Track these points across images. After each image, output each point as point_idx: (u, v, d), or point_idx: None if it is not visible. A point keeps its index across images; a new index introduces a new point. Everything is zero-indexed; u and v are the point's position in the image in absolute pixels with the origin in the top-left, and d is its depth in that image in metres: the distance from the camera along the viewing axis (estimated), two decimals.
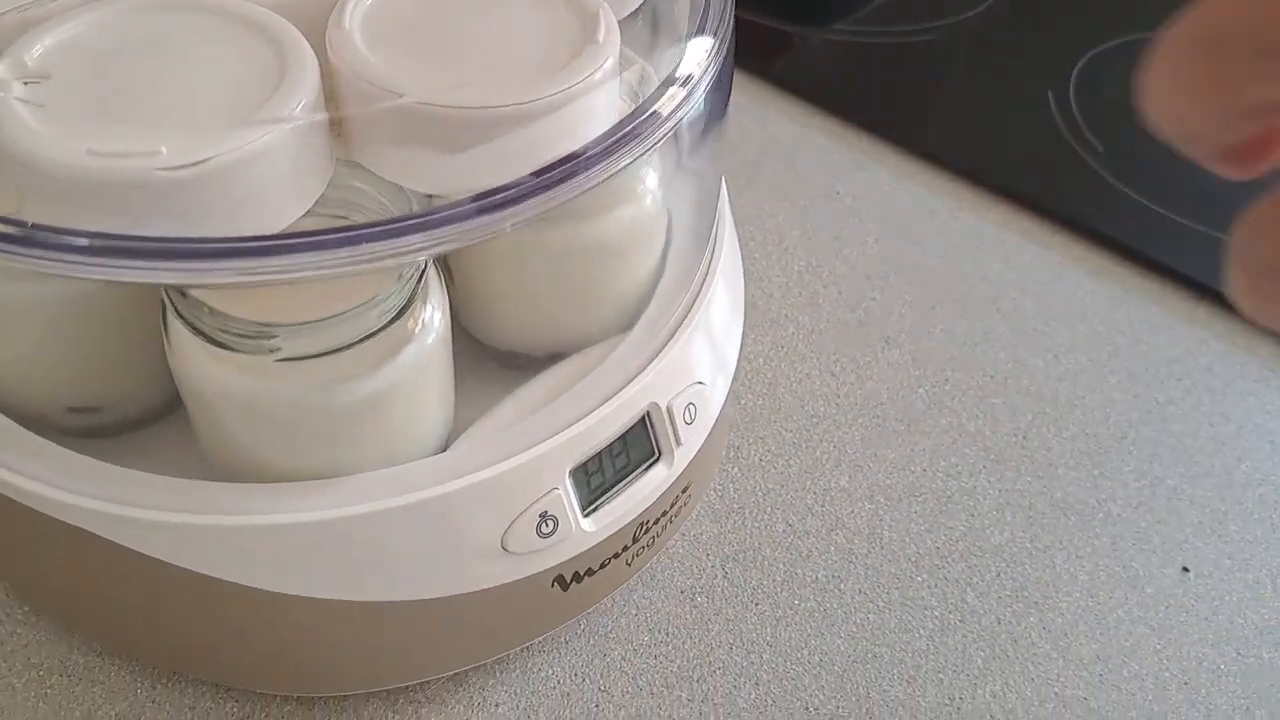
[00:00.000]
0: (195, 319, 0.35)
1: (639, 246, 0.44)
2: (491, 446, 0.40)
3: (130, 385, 0.42)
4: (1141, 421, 0.57)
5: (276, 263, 0.30)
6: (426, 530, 0.38)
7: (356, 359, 0.36)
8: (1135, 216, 0.66)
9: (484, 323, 0.46)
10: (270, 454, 0.38)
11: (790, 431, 0.55)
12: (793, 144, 0.72)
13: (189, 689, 0.44)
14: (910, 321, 0.61)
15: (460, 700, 0.45)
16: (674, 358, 0.43)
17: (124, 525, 0.37)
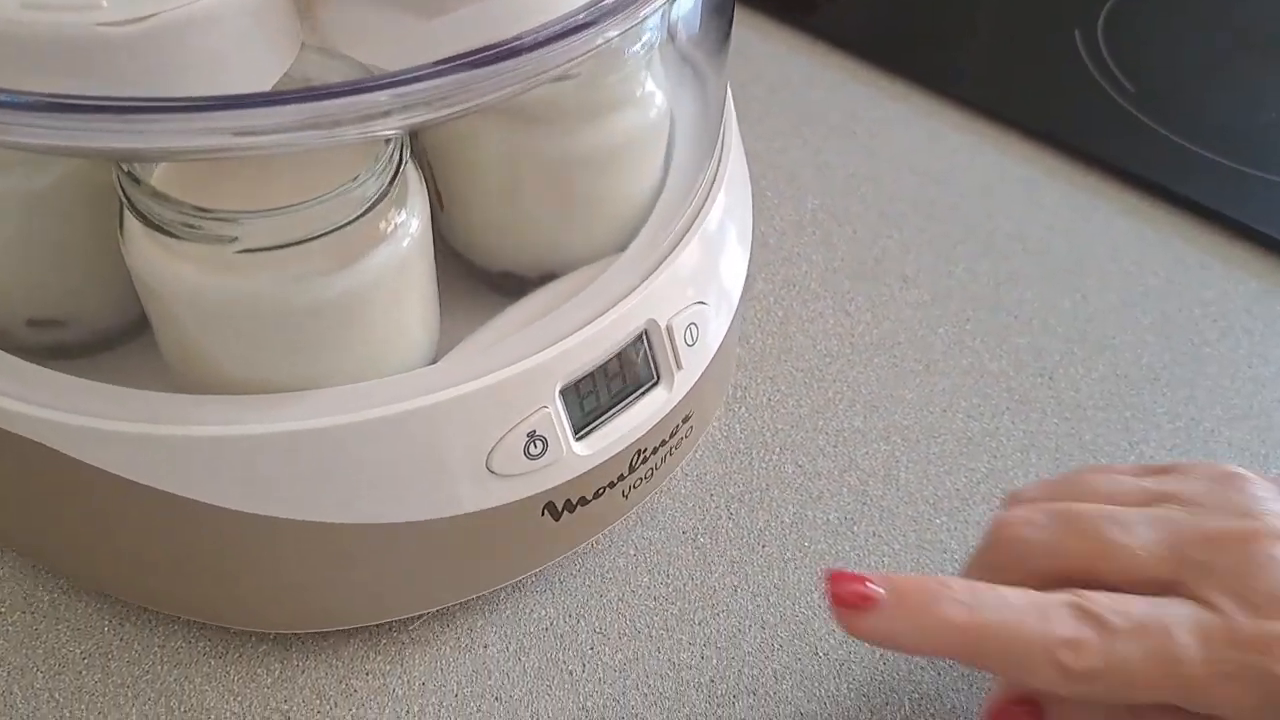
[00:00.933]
0: (147, 208, 0.32)
1: (638, 156, 0.41)
2: (476, 361, 0.37)
3: (92, 296, 0.39)
4: (1175, 363, 0.53)
5: (228, 121, 0.27)
6: (405, 446, 0.35)
7: (324, 255, 0.33)
8: (1168, 155, 0.63)
9: (476, 242, 0.43)
10: (237, 363, 0.35)
11: (801, 371, 0.52)
12: (806, 82, 0.69)
13: (159, 626, 0.42)
14: (929, 260, 0.58)
15: (447, 640, 0.42)
16: (674, 272, 0.40)
17: (81, 437, 0.34)
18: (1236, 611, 0.31)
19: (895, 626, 0.32)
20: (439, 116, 0.29)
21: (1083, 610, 0.31)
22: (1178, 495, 0.35)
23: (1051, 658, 0.31)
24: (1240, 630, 0.31)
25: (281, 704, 0.40)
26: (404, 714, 0.40)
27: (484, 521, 0.38)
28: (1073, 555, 0.34)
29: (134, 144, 0.28)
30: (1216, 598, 0.32)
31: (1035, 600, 0.32)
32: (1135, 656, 0.31)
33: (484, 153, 0.39)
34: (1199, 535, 0.33)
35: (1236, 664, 0.30)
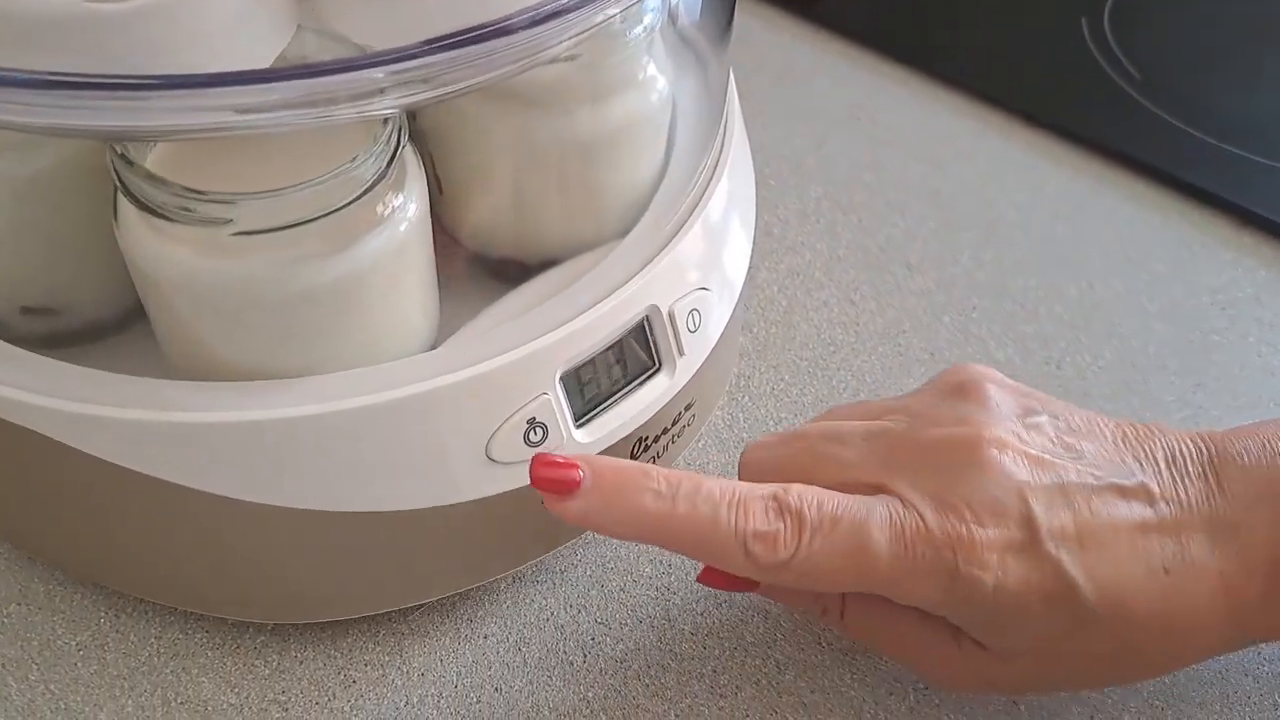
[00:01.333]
0: (141, 191, 0.31)
1: (640, 140, 0.41)
2: (475, 347, 0.36)
3: (86, 283, 0.39)
4: (1184, 351, 0.53)
5: (228, 98, 0.27)
6: (403, 433, 0.35)
7: (321, 238, 0.33)
8: (1175, 142, 0.62)
9: (475, 228, 0.42)
10: (233, 350, 0.35)
11: (805, 360, 0.52)
12: (810, 71, 0.68)
13: (155, 618, 0.41)
14: (934, 248, 0.57)
15: (446, 631, 0.41)
16: (676, 258, 0.40)
17: (75, 424, 0.34)
18: (930, 511, 0.33)
19: (594, 511, 0.33)
20: (435, 95, 0.29)
21: (780, 504, 0.33)
22: (905, 409, 0.37)
23: (743, 549, 0.33)
24: (932, 529, 0.33)
25: (279, 695, 0.39)
26: (403, 705, 0.39)
27: (484, 510, 0.37)
28: (793, 468, 0.36)
29: (133, 122, 0.28)
30: (915, 497, 0.33)
31: (736, 492, 0.33)
32: (826, 550, 0.33)
33: (483, 137, 0.39)
34: (909, 443, 0.35)
35: (928, 560, 0.32)
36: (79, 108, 0.27)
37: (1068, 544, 0.33)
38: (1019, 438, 0.35)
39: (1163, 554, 0.33)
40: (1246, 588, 0.34)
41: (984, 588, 0.32)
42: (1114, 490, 0.34)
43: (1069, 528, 0.33)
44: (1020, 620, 0.33)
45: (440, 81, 0.28)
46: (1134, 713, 0.40)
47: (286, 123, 0.28)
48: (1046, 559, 0.33)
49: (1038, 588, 0.33)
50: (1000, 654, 0.34)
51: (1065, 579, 0.33)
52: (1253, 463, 0.35)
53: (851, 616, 0.37)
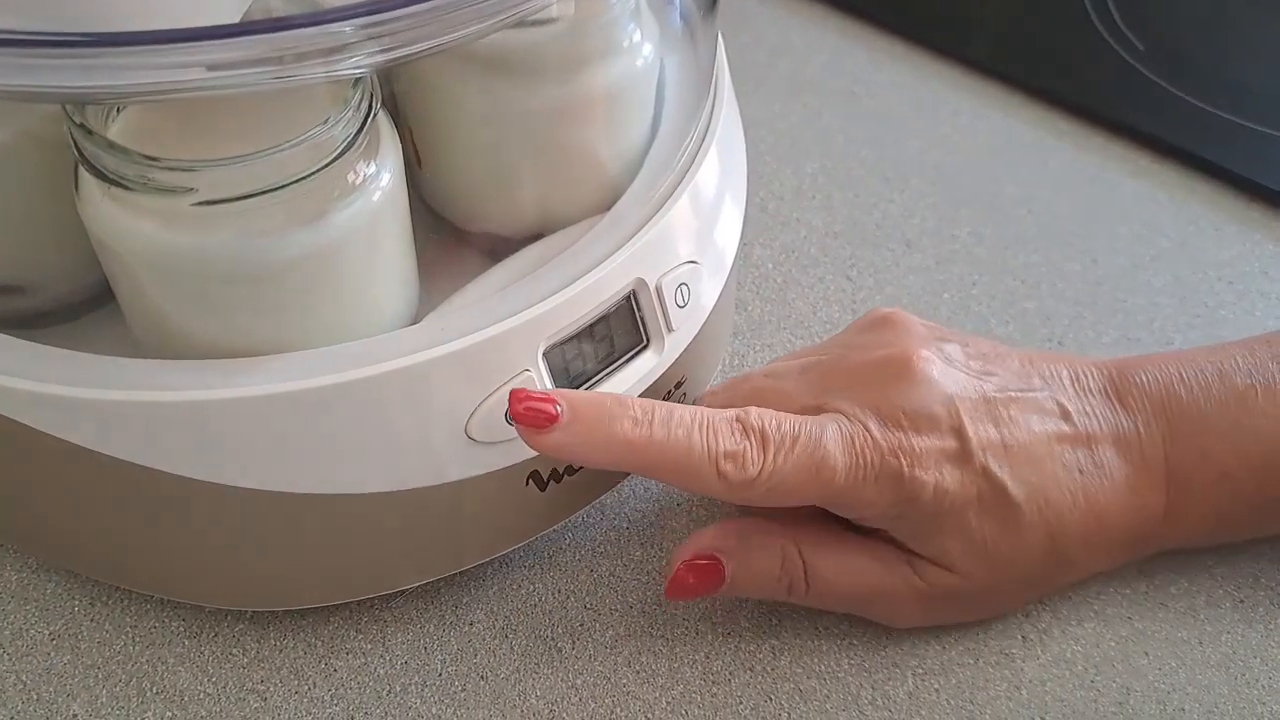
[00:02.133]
0: (99, 160, 0.30)
1: (624, 108, 0.39)
2: (454, 322, 0.35)
3: (53, 261, 0.37)
4: (1189, 326, 0.51)
5: (191, 54, 0.25)
6: (379, 412, 0.34)
7: (289, 209, 0.31)
8: (1179, 114, 0.61)
9: (455, 201, 0.41)
10: (201, 327, 0.34)
11: (801, 339, 0.50)
12: (807, 46, 0.67)
13: (131, 605, 0.40)
14: (933, 224, 0.56)
15: (431, 618, 0.40)
16: (663, 230, 0.38)
17: (41, 406, 0.33)
18: (873, 423, 0.36)
19: (572, 442, 0.34)
20: (407, 53, 0.28)
21: (745, 425, 0.35)
22: (832, 345, 0.41)
23: (715, 469, 0.34)
24: (878, 438, 0.35)
25: (258, 684, 0.38)
26: (386, 694, 0.38)
27: (465, 492, 0.36)
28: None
29: (102, 81, 0.27)
30: (857, 412, 0.36)
31: (704, 416, 0.35)
32: (789, 466, 0.34)
33: (463, 107, 0.37)
34: (842, 368, 0.38)
35: (876, 468, 0.35)
36: (45, 67, 0.26)
37: (994, 450, 0.36)
38: (942, 355, 0.38)
39: (1076, 458, 0.37)
40: (1151, 498, 0.38)
41: (927, 489, 0.35)
42: (1029, 403, 0.38)
43: (994, 436, 0.36)
44: (959, 524, 0.36)
45: (411, 37, 0.27)
46: (1139, 695, 0.38)
47: (256, 82, 0.27)
48: (977, 465, 0.36)
49: (972, 490, 0.36)
50: (947, 566, 0.37)
51: (995, 481, 0.36)
52: (1150, 385, 0.39)
53: (815, 576, 0.38)
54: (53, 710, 0.37)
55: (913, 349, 0.38)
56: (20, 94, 0.28)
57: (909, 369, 0.37)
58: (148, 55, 0.26)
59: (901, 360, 0.37)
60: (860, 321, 0.42)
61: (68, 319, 0.39)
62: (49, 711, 0.37)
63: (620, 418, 0.34)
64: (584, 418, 0.34)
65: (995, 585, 0.38)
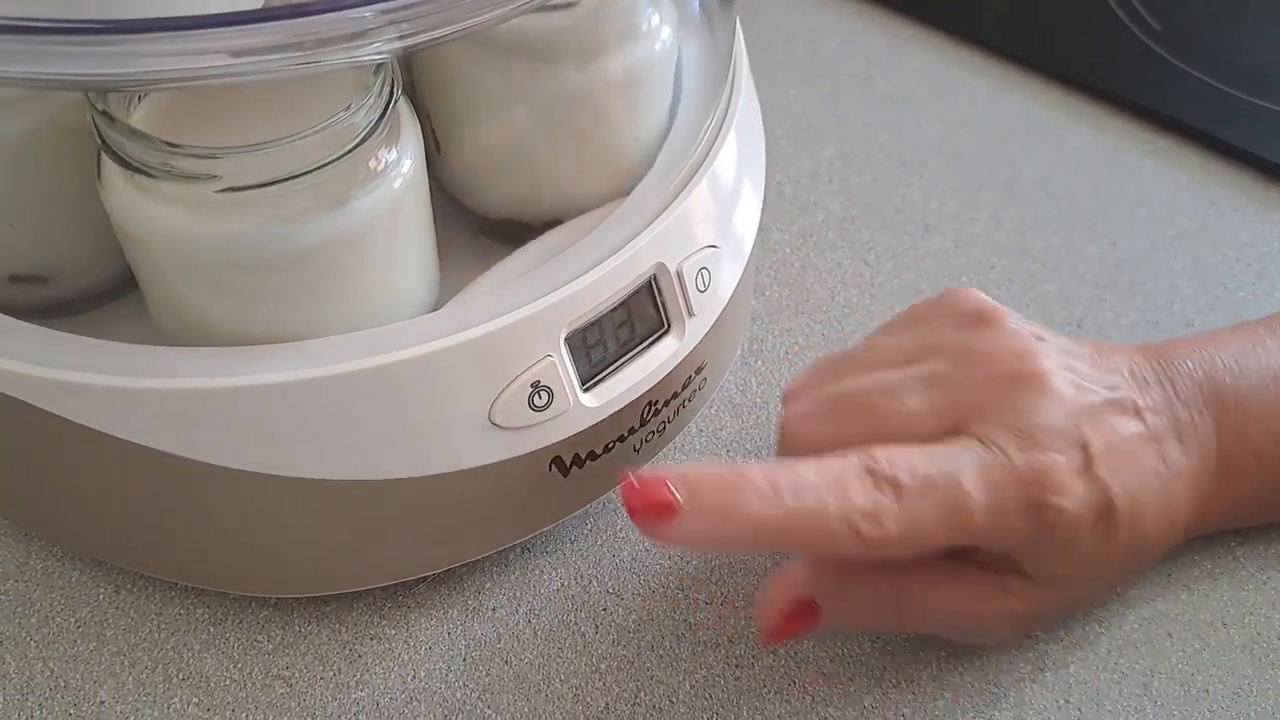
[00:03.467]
0: (122, 147, 0.30)
1: (644, 93, 0.39)
2: (476, 308, 0.35)
3: (75, 250, 0.38)
4: (1209, 308, 0.51)
5: (215, 40, 0.26)
6: (403, 398, 0.34)
7: (311, 196, 0.31)
8: (1198, 96, 0.60)
9: (475, 188, 0.41)
10: (224, 315, 0.34)
11: (819, 324, 0.50)
12: (822, 30, 0.66)
13: (155, 593, 0.40)
14: (951, 208, 0.56)
15: (454, 604, 0.40)
16: (683, 215, 0.38)
17: (67, 394, 0.33)
18: (1013, 447, 0.33)
19: (698, 530, 0.31)
20: (428, 38, 0.28)
21: (875, 475, 0.32)
22: (940, 347, 0.36)
23: (853, 531, 0.31)
24: (1017, 465, 0.33)
25: (283, 670, 0.38)
26: (410, 679, 0.38)
27: (489, 477, 0.36)
28: (857, 437, 0.34)
29: (126, 69, 0.27)
30: (995, 435, 0.33)
31: (831, 472, 0.32)
32: (927, 513, 0.32)
33: (481, 92, 0.38)
34: (970, 381, 0.35)
35: (1016, 500, 0.33)
36: (68, 54, 0.26)
37: (1105, 462, 0.34)
38: (1065, 364, 0.35)
39: (1153, 459, 0.35)
40: (1208, 484, 0.37)
41: (1065, 515, 0.33)
42: (1115, 406, 0.35)
43: (1104, 446, 0.34)
44: (1074, 542, 0.34)
45: (431, 23, 0.27)
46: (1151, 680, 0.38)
47: (278, 68, 0.27)
48: (1098, 479, 0.34)
49: (1093, 508, 0.34)
50: (1044, 582, 0.35)
51: (1109, 496, 0.34)
52: (1195, 371, 0.37)
53: (908, 613, 0.35)
54: (80, 697, 0.38)
55: (1044, 360, 0.35)
56: (44, 82, 0.29)
57: (1043, 384, 0.34)
58: (171, 42, 0.26)
59: (1035, 374, 0.34)
60: (949, 309, 0.38)
61: (91, 307, 0.39)
62: (76, 698, 0.38)
63: (747, 494, 0.31)
64: (707, 502, 0.31)
65: (1083, 592, 0.37)
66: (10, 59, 0.27)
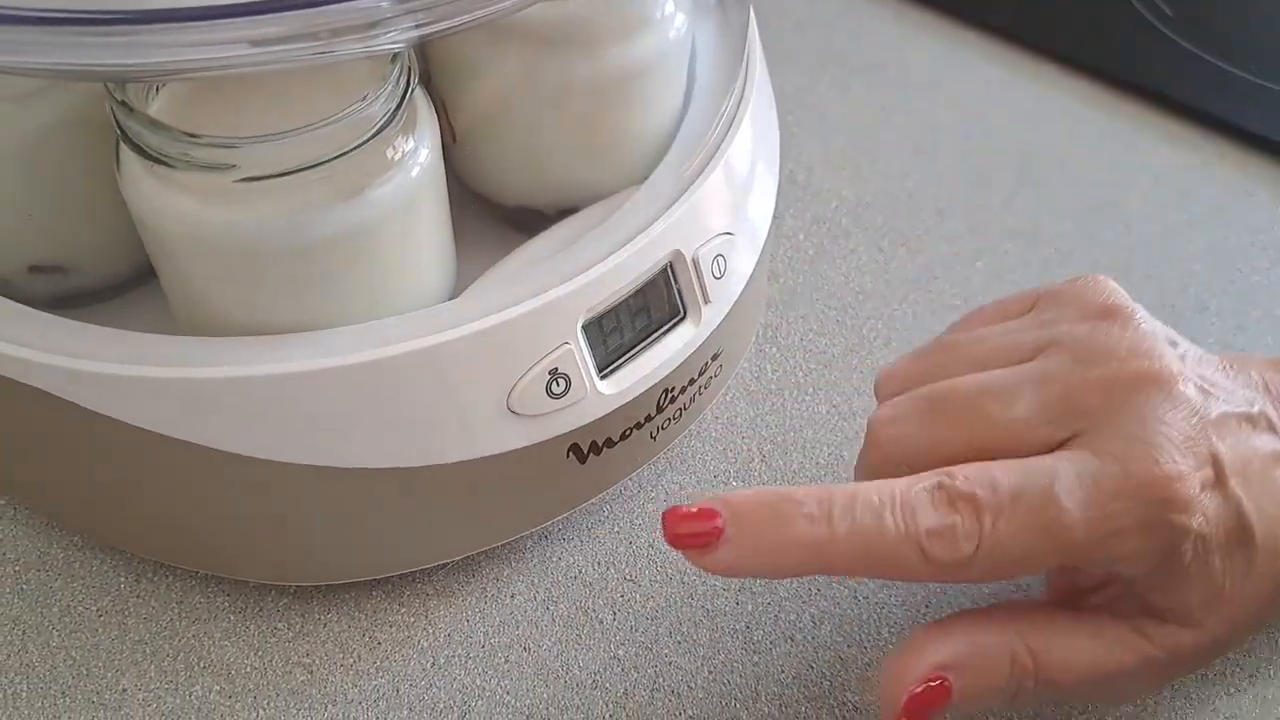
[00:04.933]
0: (141, 137, 0.30)
1: (658, 80, 0.39)
2: (493, 296, 0.35)
3: (94, 240, 0.38)
4: (1224, 292, 0.51)
5: (233, 30, 0.26)
6: (421, 386, 0.34)
7: (329, 185, 0.32)
8: (1211, 80, 0.60)
9: (491, 176, 0.41)
10: (243, 304, 0.34)
11: (834, 309, 0.50)
12: (834, 17, 0.66)
13: (176, 582, 0.40)
14: (965, 194, 0.56)
15: (472, 591, 0.40)
16: (699, 201, 0.38)
17: (87, 384, 0.33)
18: (1129, 457, 0.29)
19: (742, 557, 0.29)
20: (444, 27, 0.28)
21: (950, 493, 0.29)
22: (1058, 342, 0.33)
23: (920, 553, 0.29)
24: (1132, 474, 0.29)
25: (304, 657, 0.39)
26: (429, 666, 0.38)
27: (506, 465, 0.36)
28: (956, 443, 0.31)
29: (144, 59, 0.27)
30: (1108, 443, 0.30)
31: (896, 493, 0.29)
32: (1012, 532, 0.29)
33: (496, 80, 0.38)
34: (1086, 384, 0.31)
35: (1130, 515, 0.29)
36: (88, 45, 0.27)
37: (1239, 479, 0.31)
38: (1193, 369, 0.32)
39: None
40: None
41: (1190, 534, 0.30)
42: (1248, 420, 0.32)
43: (1237, 461, 0.31)
44: (1205, 569, 0.30)
45: (447, 12, 0.27)
46: None
47: (297, 58, 0.27)
48: (1231, 497, 0.30)
49: (1224, 529, 0.30)
50: (1182, 621, 0.31)
51: (1244, 518, 0.31)
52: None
53: (1044, 675, 0.31)
54: (103, 685, 0.38)
55: (1171, 364, 0.31)
56: (63, 72, 0.29)
57: (1169, 389, 0.31)
58: (190, 32, 0.26)
59: (1160, 378, 0.31)
60: (1079, 299, 0.34)
61: (110, 297, 0.39)
62: (99, 686, 0.38)
63: (793, 517, 0.29)
64: (751, 527, 0.29)
65: (1228, 635, 0.32)
66: (30, 50, 0.27)
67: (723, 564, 0.29)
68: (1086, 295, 0.34)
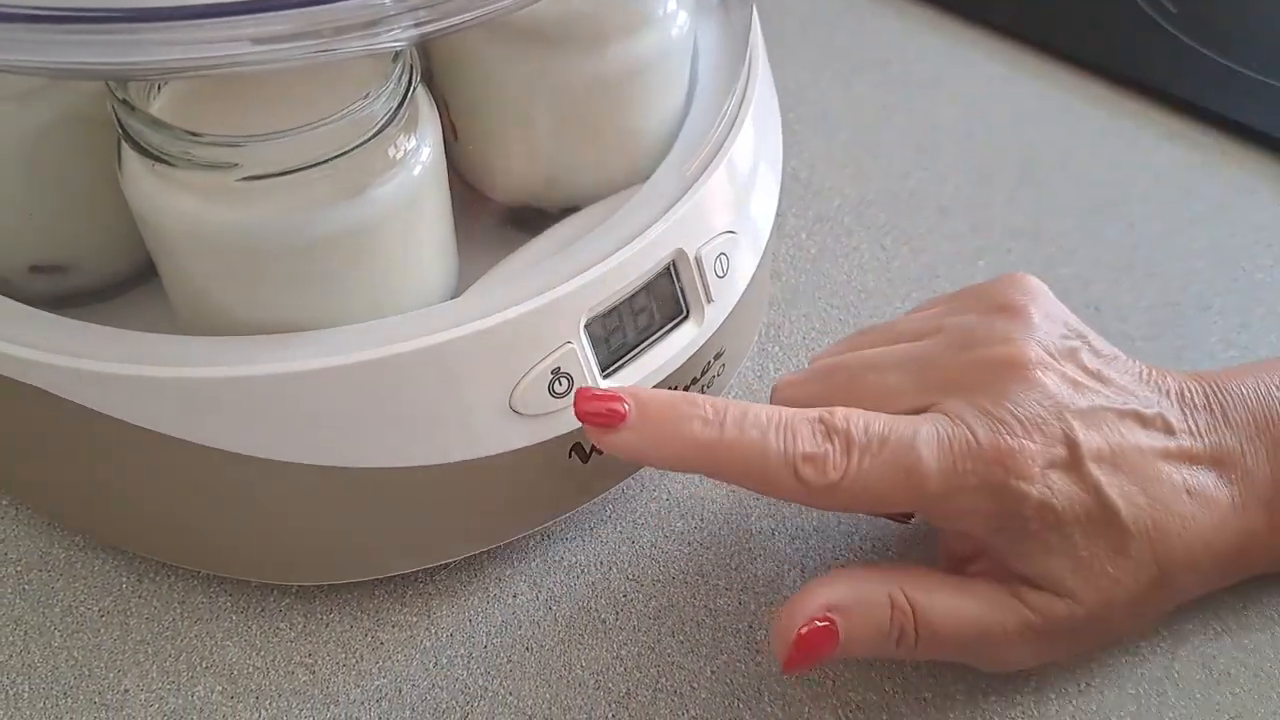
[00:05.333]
0: (142, 136, 0.30)
1: (661, 79, 0.39)
2: (496, 295, 0.35)
3: (95, 239, 0.38)
4: (1227, 290, 0.51)
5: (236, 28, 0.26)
6: (423, 385, 0.34)
7: (331, 184, 0.31)
8: (1214, 77, 0.60)
9: (493, 175, 0.41)
10: (245, 303, 0.34)
11: (836, 308, 0.50)
12: (837, 15, 0.66)
13: (178, 582, 0.40)
14: (967, 191, 0.55)
15: (475, 590, 0.40)
16: (702, 200, 0.38)
17: (88, 383, 0.33)
18: (979, 426, 0.33)
19: (641, 442, 0.33)
20: (445, 25, 0.28)
21: (828, 425, 0.33)
22: (945, 329, 0.37)
23: (793, 473, 0.32)
24: (982, 443, 0.33)
25: (306, 658, 0.39)
26: (432, 666, 0.38)
27: (509, 464, 0.36)
28: (836, 404, 0.34)
29: (146, 57, 0.27)
30: (963, 413, 0.33)
31: (783, 417, 0.33)
32: (876, 470, 0.32)
33: (497, 78, 0.37)
34: (951, 363, 0.35)
35: (976, 476, 0.33)
36: (88, 43, 0.26)
37: (1104, 465, 0.34)
38: (1057, 360, 0.35)
39: (1183, 478, 0.35)
40: (1255, 515, 0.35)
41: (1030, 501, 0.33)
42: (1136, 417, 0.35)
43: (1104, 449, 0.34)
44: (1065, 541, 0.33)
45: (448, 10, 0.27)
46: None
47: (298, 56, 0.27)
48: (1087, 478, 0.33)
49: (1080, 506, 0.33)
50: (1054, 589, 0.34)
51: (1105, 500, 0.33)
52: (1251, 399, 0.36)
53: (924, 622, 0.34)
54: (105, 685, 0.38)
55: (1031, 351, 0.35)
56: (64, 71, 0.29)
57: (1024, 373, 0.34)
58: (192, 30, 0.26)
59: (1018, 362, 0.34)
60: (986, 296, 0.38)
61: (111, 296, 0.39)
62: (101, 687, 0.38)
63: (690, 417, 0.33)
64: (653, 417, 0.33)
65: (1104, 611, 0.34)
66: (31, 48, 0.27)
67: (621, 445, 0.33)
68: (993, 292, 0.38)
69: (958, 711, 0.37)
